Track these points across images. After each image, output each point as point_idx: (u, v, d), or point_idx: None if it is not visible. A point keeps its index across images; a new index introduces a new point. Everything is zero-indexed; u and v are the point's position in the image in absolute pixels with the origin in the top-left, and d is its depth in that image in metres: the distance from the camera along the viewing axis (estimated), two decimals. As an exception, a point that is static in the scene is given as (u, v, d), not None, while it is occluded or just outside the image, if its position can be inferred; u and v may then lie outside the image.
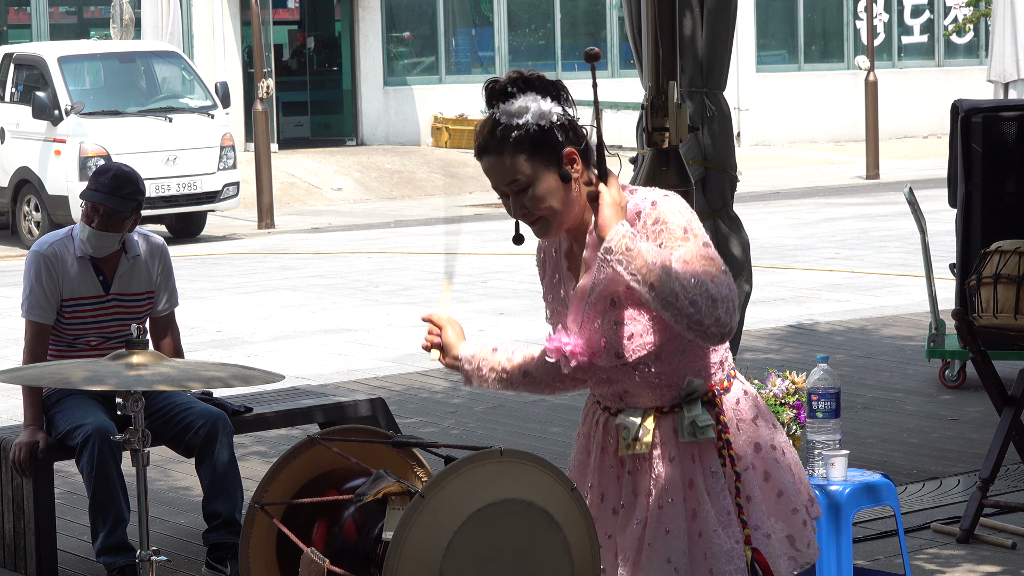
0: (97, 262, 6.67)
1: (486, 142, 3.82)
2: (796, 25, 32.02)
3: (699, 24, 7.06)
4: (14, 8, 26.23)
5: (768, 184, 24.77)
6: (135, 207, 6.58)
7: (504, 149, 3.78)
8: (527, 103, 3.78)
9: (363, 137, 27.98)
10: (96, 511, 6.44)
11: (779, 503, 3.90)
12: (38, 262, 6.63)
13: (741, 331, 7.32)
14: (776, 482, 3.90)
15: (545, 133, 3.78)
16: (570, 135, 3.81)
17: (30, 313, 6.61)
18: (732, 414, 3.88)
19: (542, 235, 3.87)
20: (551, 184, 3.79)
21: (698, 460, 3.84)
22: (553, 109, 3.79)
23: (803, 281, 14.57)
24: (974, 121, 9.62)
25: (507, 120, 3.77)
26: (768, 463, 3.90)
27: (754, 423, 3.91)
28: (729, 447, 3.85)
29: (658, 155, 6.19)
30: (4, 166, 19.96)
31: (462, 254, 17.37)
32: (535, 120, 3.77)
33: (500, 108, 3.80)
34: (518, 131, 3.77)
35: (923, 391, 9.81)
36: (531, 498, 3.60)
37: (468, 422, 9.30)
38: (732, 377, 3.92)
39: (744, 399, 3.92)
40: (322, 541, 3.82)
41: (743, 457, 3.87)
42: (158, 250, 6.81)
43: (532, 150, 3.78)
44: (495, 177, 3.83)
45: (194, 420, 6.54)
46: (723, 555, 3.81)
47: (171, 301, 6.84)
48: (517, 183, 3.80)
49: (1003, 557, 6.66)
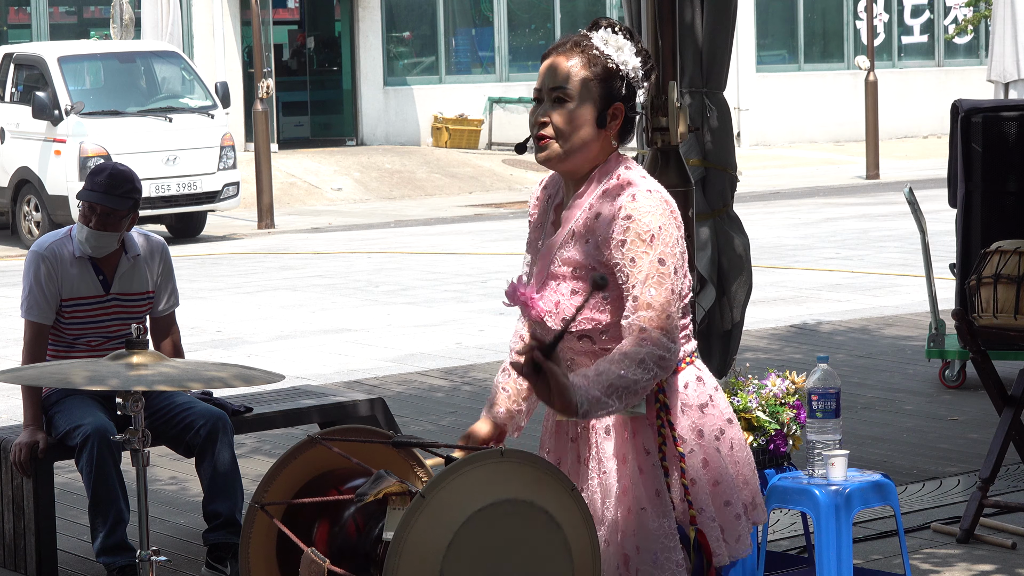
0: (97, 262, 6.66)
1: (567, 42, 3.90)
2: (796, 25, 32.03)
3: (699, 23, 7.06)
4: (14, 8, 26.23)
5: (768, 184, 24.77)
6: (132, 205, 6.58)
7: (574, 59, 3.85)
8: (621, 44, 3.87)
9: (363, 137, 27.98)
10: (96, 511, 6.44)
11: (714, 492, 3.90)
12: (37, 262, 6.62)
13: (741, 331, 7.32)
14: (713, 471, 3.90)
15: (615, 75, 3.86)
16: (629, 97, 3.88)
17: (29, 313, 6.61)
18: (676, 397, 3.88)
19: (542, 156, 3.89)
20: (586, 115, 3.85)
21: (631, 437, 3.87)
22: (637, 67, 3.88)
23: (803, 281, 14.57)
24: (974, 121, 9.63)
25: (599, 42, 3.86)
26: (708, 451, 3.90)
27: (700, 410, 3.90)
28: (672, 428, 3.86)
29: (658, 155, 6.19)
30: (4, 166, 19.96)
31: (461, 254, 17.38)
32: (617, 60, 3.86)
33: (604, 32, 3.88)
34: (600, 54, 3.85)
35: (923, 391, 9.81)
36: (531, 498, 3.60)
37: (468, 422, 9.29)
38: (687, 362, 3.93)
39: (695, 385, 3.92)
40: (322, 541, 3.82)
41: (686, 440, 3.88)
42: (158, 249, 6.80)
43: (594, 77, 3.85)
44: (549, 76, 3.87)
45: (194, 420, 6.54)
46: (649, 534, 3.83)
47: (172, 301, 6.83)
48: (561, 92, 3.85)
49: (1003, 557, 6.66)
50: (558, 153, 3.86)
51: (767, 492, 5.77)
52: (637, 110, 3.93)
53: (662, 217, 3.79)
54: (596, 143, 3.86)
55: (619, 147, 3.91)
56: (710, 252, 7.13)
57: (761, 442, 6.06)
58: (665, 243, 3.77)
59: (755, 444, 6.04)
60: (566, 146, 3.85)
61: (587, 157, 3.88)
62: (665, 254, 3.77)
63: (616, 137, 3.89)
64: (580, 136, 3.84)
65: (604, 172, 3.88)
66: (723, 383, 6.38)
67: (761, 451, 6.07)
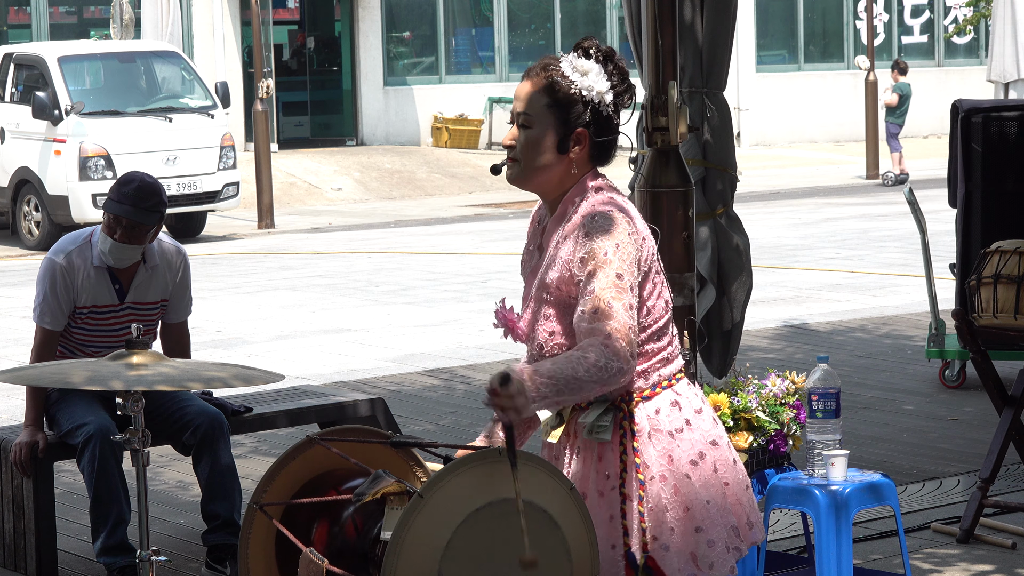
0: (115, 271, 6.60)
1: (536, 67, 3.94)
2: (796, 25, 32.02)
3: (699, 23, 7.06)
4: (14, 8, 26.23)
5: (768, 184, 24.77)
6: (158, 219, 6.51)
7: (538, 85, 3.90)
8: (589, 69, 3.88)
9: (363, 137, 27.98)
10: (97, 511, 6.43)
11: (684, 518, 3.87)
12: (53, 272, 6.53)
13: (741, 331, 7.32)
14: (684, 497, 3.86)
15: (578, 101, 3.88)
16: (596, 123, 3.89)
17: (42, 320, 6.56)
18: (646, 423, 3.86)
19: (508, 176, 3.95)
20: (546, 140, 3.89)
21: (595, 460, 3.88)
22: (604, 94, 3.89)
23: (803, 281, 14.57)
24: (974, 121, 9.62)
25: (566, 67, 3.89)
26: (679, 477, 3.86)
27: (671, 436, 3.87)
28: (635, 454, 3.84)
29: (658, 155, 6.19)
30: (4, 166, 19.95)
31: (461, 254, 17.38)
32: (581, 86, 3.87)
33: (573, 56, 3.91)
34: (564, 80, 3.87)
35: (923, 391, 9.81)
36: (530, 498, 3.60)
37: (468, 422, 9.29)
38: (664, 387, 3.91)
39: (669, 410, 3.89)
40: (321, 541, 3.82)
41: (650, 467, 3.85)
42: (178, 258, 6.70)
43: (555, 104, 3.88)
44: (518, 100, 3.93)
45: (191, 420, 6.52)
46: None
47: (185, 310, 6.78)
48: (525, 116, 3.90)
49: (1003, 557, 6.66)
50: (522, 176, 3.92)
51: (767, 492, 5.77)
52: (613, 132, 3.92)
53: (622, 234, 3.80)
54: (558, 167, 3.89)
55: (595, 168, 3.93)
56: (710, 252, 7.13)
57: (761, 442, 6.06)
58: (623, 258, 3.78)
59: (755, 444, 6.04)
60: (528, 167, 3.91)
61: (550, 180, 3.91)
62: (623, 270, 3.78)
63: (586, 162, 3.91)
64: (540, 161, 3.89)
65: (575, 194, 3.90)
66: (723, 383, 6.38)
67: (761, 451, 6.07)
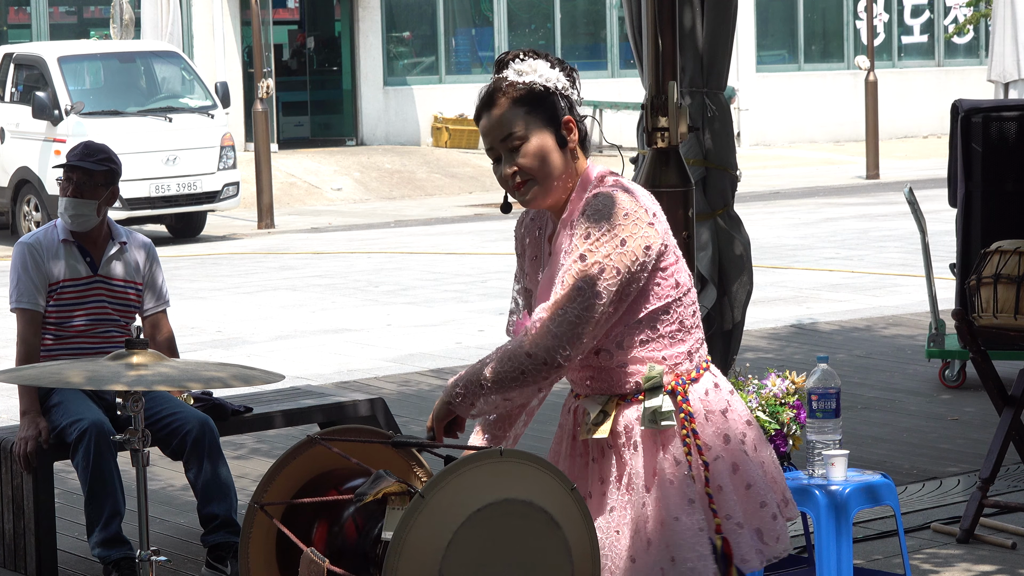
0: (84, 244, 6.70)
1: (488, 98, 3.85)
2: (796, 25, 32.02)
3: (699, 23, 7.06)
4: (14, 8, 26.23)
5: (768, 184, 24.77)
6: (107, 173, 6.66)
7: (505, 104, 3.82)
8: (535, 66, 3.84)
9: (363, 137, 27.98)
10: (92, 505, 6.42)
11: (748, 495, 3.89)
12: (22, 252, 6.69)
13: (742, 331, 7.32)
14: (744, 475, 3.89)
15: (547, 95, 3.83)
16: (571, 109, 3.86)
17: (19, 301, 6.61)
18: (699, 404, 3.88)
19: (527, 199, 3.88)
20: (546, 143, 3.83)
21: (661, 448, 3.85)
22: (560, 78, 3.85)
23: (803, 281, 14.57)
24: (974, 121, 9.62)
25: (513, 77, 3.83)
26: (737, 455, 3.89)
27: (723, 415, 3.90)
28: (696, 436, 3.85)
29: (658, 155, 6.18)
30: (4, 166, 19.96)
31: (461, 254, 17.37)
32: (540, 81, 3.83)
33: (508, 71, 3.85)
34: (522, 86, 3.82)
35: (923, 391, 9.81)
36: (531, 498, 3.60)
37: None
38: (703, 369, 3.92)
39: (714, 391, 3.91)
40: (322, 541, 3.82)
41: (711, 447, 3.86)
42: (145, 245, 6.87)
43: (532, 107, 3.82)
44: (492, 134, 3.84)
45: (180, 425, 6.52)
46: (684, 543, 3.80)
47: (161, 301, 6.85)
48: (512, 138, 3.82)
49: (1003, 557, 6.66)
50: (541, 190, 3.86)
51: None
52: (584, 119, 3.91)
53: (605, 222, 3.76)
54: (565, 167, 3.86)
55: (586, 158, 3.91)
56: (710, 252, 7.13)
57: (761, 442, 6.06)
58: (601, 249, 3.75)
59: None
60: (544, 180, 3.85)
61: (564, 184, 3.87)
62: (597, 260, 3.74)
63: (579, 152, 3.88)
64: (552, 165, 3.84)
65: (580, 190, 3.88)
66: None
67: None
